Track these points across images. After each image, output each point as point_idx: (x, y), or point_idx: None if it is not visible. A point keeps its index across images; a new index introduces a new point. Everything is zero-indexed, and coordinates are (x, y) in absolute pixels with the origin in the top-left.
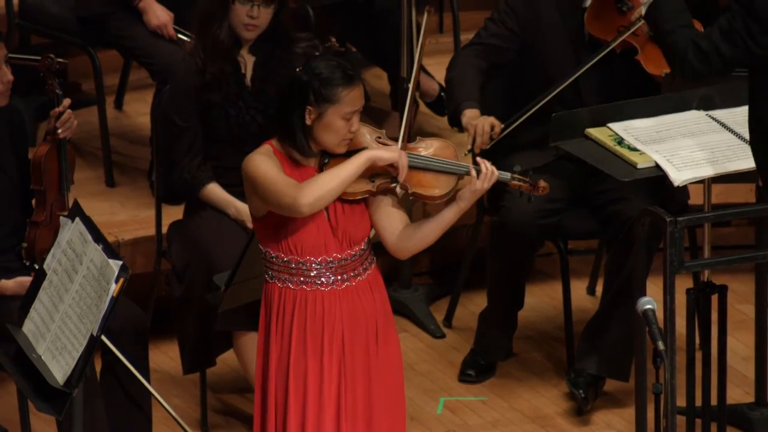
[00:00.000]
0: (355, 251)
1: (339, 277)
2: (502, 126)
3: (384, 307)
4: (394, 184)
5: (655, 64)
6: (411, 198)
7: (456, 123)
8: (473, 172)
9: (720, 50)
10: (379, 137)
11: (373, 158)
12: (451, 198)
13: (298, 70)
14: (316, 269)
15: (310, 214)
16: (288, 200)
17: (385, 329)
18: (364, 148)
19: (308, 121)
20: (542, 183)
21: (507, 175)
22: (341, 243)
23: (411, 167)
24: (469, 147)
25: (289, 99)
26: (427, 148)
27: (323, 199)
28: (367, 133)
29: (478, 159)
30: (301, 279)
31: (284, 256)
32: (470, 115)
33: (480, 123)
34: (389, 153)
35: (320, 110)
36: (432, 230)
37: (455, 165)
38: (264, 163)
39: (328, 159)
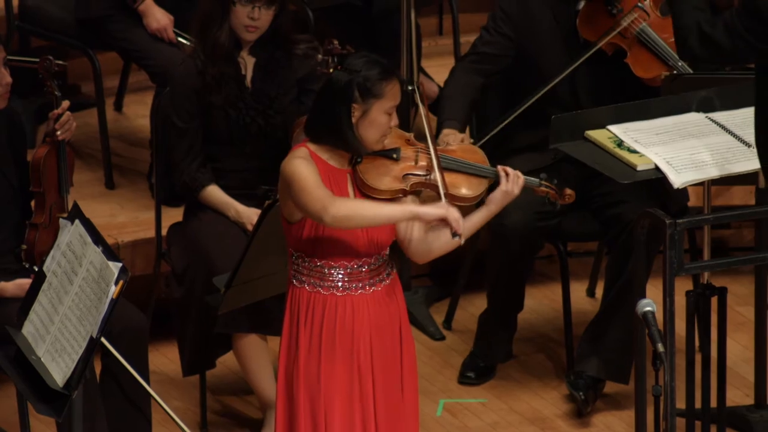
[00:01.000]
0: (382, 255)
1: (368, 281)
2: (471, 140)
3: (404, 309)
4: (455, 238)
5: (643, 66)
6: (445, 198)
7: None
8: (502, 173)
9: (721, 42)
10: (408, 139)
11: (419, 215)
12: (480, 202)
13: (332, 71)
14: (348, 273)
15: (329, 226)
16: (317, 206)
17: (407, 331)
18: (397, 148)
19: (353, 119)
20: (568, 191)
21: (535, 181)
22: (371, 247)
23: (444, 169)
24: None
25: (331, 100)
26: (457, 151)
27: (350, 220)
28: (397, 136)
29: (501, 167)
30: (332, 284)
31: (318, 261)
32: (444, 134)
33: (449, 140)
34: (437, 210)
35: (366, 106)
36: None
37: (485, 169)
38: (303, 166)
39: (360, 158)
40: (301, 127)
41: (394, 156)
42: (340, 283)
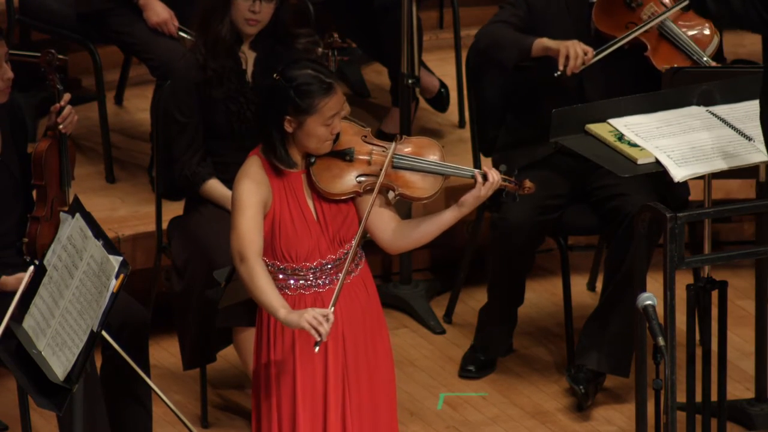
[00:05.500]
0: (347, 249)
1: (335, 277)
2: (594, 52)
3: (376, 300)
4: (315, 347)
5: (665, 59)
6: (398, 197)
7: (524, 58)
8: (479, 178)
9: (733, 4)
10: (365, 136)
11: (281, 321)
12: (438, 198)
13: (275, 76)
14: (313, 273)
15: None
16: (236, 253)
17: (379, 322)
18: (350, 149)
19: (289, 129)
20: (528, 183)
21: None
22: (333, 243)
23: (399, 168)
24: (561, 69)
25: (268, 108)
26: (413, 148)
27: (246, 285)
28: (354, 133)
29: (486, 168)
30: (297, 284)
31: (280, 264)
32: (571, 43)
33: (573, 45)
34: (296, 321)
35: (299, 120)
36: (430, 231)
37: (458, 169)
38: (246, 191)
39: (314, 159)
40: None
41: (347, 158)
42: (306, 283)
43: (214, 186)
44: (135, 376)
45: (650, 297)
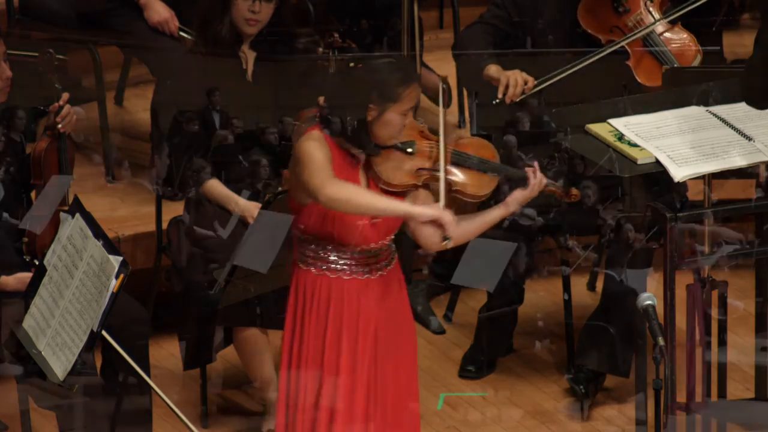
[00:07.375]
0: (388, 242)
1: (374, 266)
2: (535, 82)
3: (405, 295)
4: (445, 241)
5: (646, 74)
6: (453, 194)
7: (473, 79)
8: (531, 178)
9: (751, 60)
10: (422, 131)
11: (412, 215)
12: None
13: (352, 65)
14: (356, 258)
15: (323, 205)
16: (317, 181)
17: (408, 316)
18: (412, 142)
19: (368, 118)
20: (574, 190)
21: (548, 182)
22: (380, 233)
23: (457, 165)
24: (499, 97)
25: (348, 95)
26: (471, 147)
27: (344, 205)
28: (412, 127)
29: (534, 168)
30: (338, 267)
31: (325, 245)
32: (498, 68)
33: (513, 75)
34: (431, 212)
35: (382, 108)
36: (476, 228)
37: (511, 170)
38: (316, 147)
39: (378, 149)
40: (304, 117)
41: (409, 150)
42: (346, 267)
43: (215, 186)
44: (135, 375)
45: (650, 297)
